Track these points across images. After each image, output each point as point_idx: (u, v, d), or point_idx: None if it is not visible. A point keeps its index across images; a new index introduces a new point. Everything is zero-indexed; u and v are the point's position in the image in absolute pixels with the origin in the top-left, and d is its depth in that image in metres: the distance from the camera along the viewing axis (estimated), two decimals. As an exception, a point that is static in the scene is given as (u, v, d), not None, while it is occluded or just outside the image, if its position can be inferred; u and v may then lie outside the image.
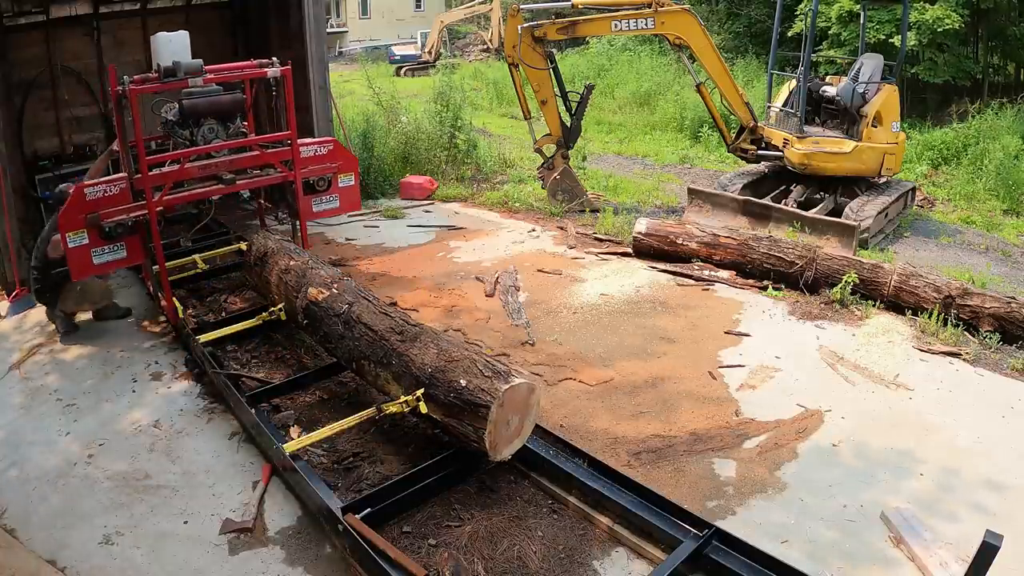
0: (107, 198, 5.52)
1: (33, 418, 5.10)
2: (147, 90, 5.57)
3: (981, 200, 10.52)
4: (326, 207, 6.80)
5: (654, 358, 5.83)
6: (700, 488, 4.30)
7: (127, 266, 6.37)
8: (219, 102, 6.08)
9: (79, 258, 5.46)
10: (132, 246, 5.74)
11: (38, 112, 8.86)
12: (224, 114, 6.17)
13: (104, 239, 5.53)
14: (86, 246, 5.46)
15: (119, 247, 5.65)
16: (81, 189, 5.42)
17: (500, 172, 11.96)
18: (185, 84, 5.67)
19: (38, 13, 8.46)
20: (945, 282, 6.43)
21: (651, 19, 9.01)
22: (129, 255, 5.77)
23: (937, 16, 12.81)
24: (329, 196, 6.74)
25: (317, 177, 6.56)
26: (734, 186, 9.73)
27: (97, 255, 5.56)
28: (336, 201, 6.83)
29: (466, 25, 32.64)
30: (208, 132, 6.08)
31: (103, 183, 5.53)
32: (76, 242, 5.40)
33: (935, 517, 4.04)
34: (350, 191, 6.93)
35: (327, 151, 6.63)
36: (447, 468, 4.19)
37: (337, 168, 6.67)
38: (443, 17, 30.07)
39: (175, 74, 5.59)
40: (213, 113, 6.08)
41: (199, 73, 5.71)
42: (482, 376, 3.95)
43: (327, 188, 6.70)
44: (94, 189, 5.47)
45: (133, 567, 3.77)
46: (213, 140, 6.06)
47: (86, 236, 5.43)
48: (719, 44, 13.05)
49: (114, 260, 5.70)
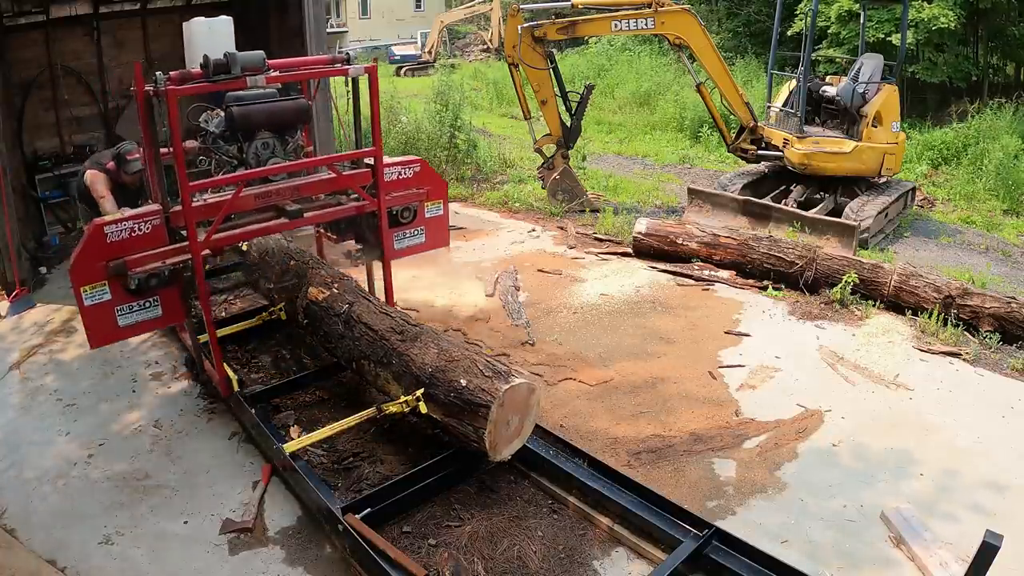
0: (135, 239, 4.28)
1: (33, 418, 5.10)
2: (190, 91, 4.33)
3: (981, 200, 10.52)
4: (410, 243, 5.55)
5: (654, 358, 5.83)
6: (700, 488, 4.30)
7: (163, 327, 5.33)
8: (279, 109, 4.91)
9: (100, 320, 4.26)
10: (169, 302, 4.53)
11: (38, 112, 8.86)
12: (284, 125, 4.98)
13: (132, 294, 4.33)
14: (108, 304, 4.25)
15: (152, 304, 4.44)
16: (100, 228, 4.16)
17: (500, 172, 11.96)
18: (243, 84, 4.39)
19: (38, 13, 8.45)
20: (945, 282, 6.43)
21: (651, 19, 9.01)
22: (166, 314, 4.54)
23: (934, 14, 12.83)
24: (414, 229, 5.50)
25: (402, 206, 5.34)
26: (734, 186, 9.73)
27: (124, 315, 4.34)
28: (422, 235, 5.58)
29: (466, 25, 32.65)
30: (262, 148, 4.88)
31: (129, 219, 4.26)
32: (94, 299, 4.20)
33: (935, 517, 4.04)
34: (438, 223, 5.65)
35: (413, 173, 5.36)
36: (447, 468, 4.19)
37: (425, 195, 5.44)
38: (443, 17, 30.09)
39: (229, 70, 4.33)
40: (271, 123, 4.87)
41: (261, 69, 4.43)
42: (482, 376, 3.95)
43: (412, 219, 5.45)
44: (117, 228, 4.21)
45: (133, 567, 3.77)
46: (269, 159, 4.87)
47: (108, 291, 4.23)
48: (719, 44, 13.06)
49: (146, 320, 4.48)
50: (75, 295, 4.17)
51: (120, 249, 4.22)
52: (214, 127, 4.86)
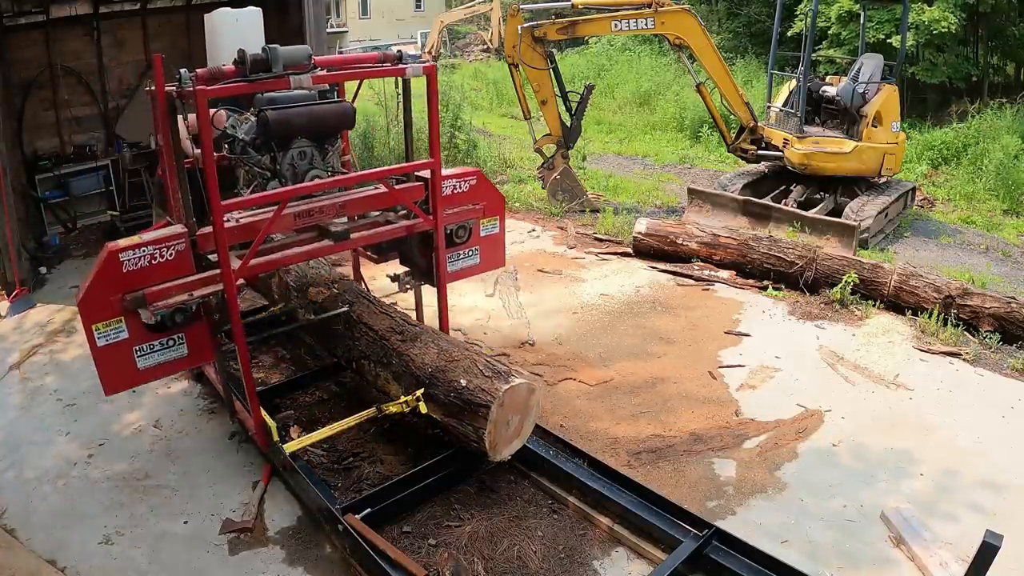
0: (156, 267, 3.71)
1: (33, 418, 5.10)
2: (222, 92, 3.78)
3: (981, 200, 10.52)
4: (464, 264, 5.00)
5: (654, 358, 5.83)
6: (700, 488, 4.30)
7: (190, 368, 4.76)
8: (320, 113, 4.34)
9: (115, 363, 3.71)
10: (197, 339, 3.96)
11: (38, 112, 8.86)
12: (324, 131, 4.42)
13: (153, 331, 3.78)
14: (125, 343, 3.71)
15: (176, 342, 3.88)
16: (114, 255, 3.61)
17: (500, 172, 11.96)
18: (285, 84, 3.86)
19: (38, 13, 8.45)
20: (945, 282, 6.43)
21: (651, 19, 9.01)
22: (192, 353, 3.97)
23: (934, 17, 12.82)
24: (468, 250, 4.97)
25: (457, 224, 4.80)
26: (734, 186, 9.73)
27: (143, 356, 3.79)
28: (476, 256, 5.04)
29: (466, 25, 32.62)
30: (299, 158, 4.29)
31: (149, 244, 3.70)
32: (109, 338, 3.65)
33: (935, 517, 4.04)
34: (494, 242, 5.11)
35: (468, 187, 4.81)
36: (447, 468, 4.19)
37: (482, 210, 4.91)
38: (443, 17, 30.06)
39: (269, 67, 3.79)
40: (310, 130, 4.31)
41: (307, 67, 3.90)
42: (482, 376, 3.95)
43: (467, 239, 4.91)
44: (135, 254, 3.65)
45: (133, 567, 3.77)
46: (308, 171, 4.30)
47: (125, 328, 3.68)
48: (719, 44, 13.06)
49: (170, 361, 3.91)
50: (86, 333, 3.63)
51: (139, 279, 3.66)
52: (243, 134, 4.22)
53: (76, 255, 8.15)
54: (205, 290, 3.84)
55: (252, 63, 3.75)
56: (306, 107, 4.30)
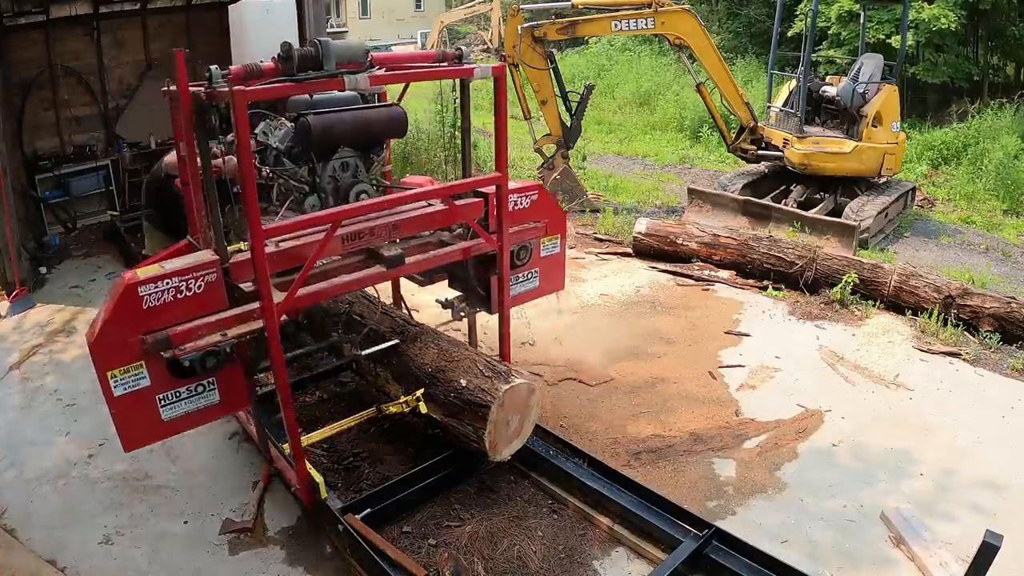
0: (182, 302, 3.18)
1: (33, 418, 5.10)
2: (263, 95, 3.32)
3: (981, 200, 10.52)
4: (523, 288, 4.60)
5: (654, 358, 5.83)
6: (700, 488, 4.30)
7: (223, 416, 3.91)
8: (368, 119, 3.88)
9: (135, 414, 3.18)
10: (229, 383, 3.43)
11: (38, 112, 8.86)
12: (371, 140, 4.02)
13: (180, 376, 3.26)
14: (147, 392, 3.17)
15: (207, 387, 3.36)
16: (133, 288, 3.06)
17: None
18: (339, 85, 3.32)
19: (38, 13, 8.45)
20: (945, 282, 6.43)
21: (651, 19, 9.01)
22: (225, 400, 3.45)
23: (933, 15, 12.84)
24: (528, 272, 4.56)
25: (518, 245, 4.36)
26: (734, 186, 9.73)
27: (169, 406, 3.26)
28: (536, 279, 4.64)
29: (466, 25, 32.62)
30: (341, 169, 3.85)
31: (173, 274, 3.16)
32: (127, 386, 3.12)
33: (935, 517, 4.04)
34: (554, 263, 4.71)
35: (530, 203, 4.37)
36: (447, 468, 4.19)
37: (544, 228, 4.50)
38: (443, 17, 30.07)
39: (320, 65, 3.25)
40: (355, 138, 3.85)
41: (362, 65, 3.37)
42: (482, 376, 3.94)
43: (527, 260, 4.47)
44: (157, 287, 3.11)
45: (133, 567, 3.77)
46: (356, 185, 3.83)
47: (146, 374, 3.15)
48: (719, 44, 13.05)
49: (199, 410, 3.38)
50: (99, 380, 3.09)
51: (162, 317, 3.14)
52: (277, 141, 3.77)
53: (76, 255, 8.15)
54: (242, 328, 3.26)
55: (300, 59, 3.21)
56: (351, 111, 3.78)
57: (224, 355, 3.29)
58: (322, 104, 3.79)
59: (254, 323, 3.32)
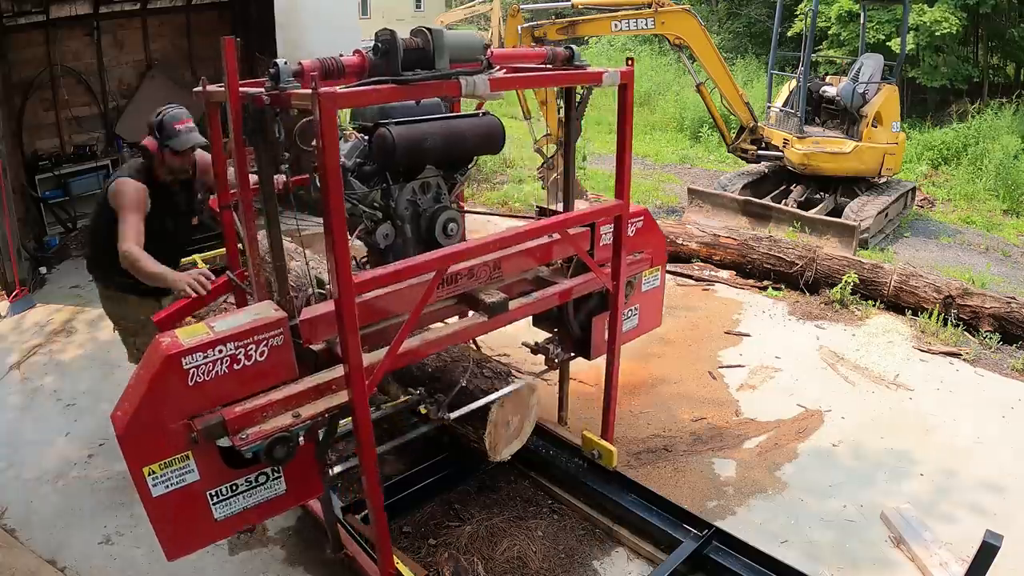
0: (239, 374, 2.47)
1: (33, 418, 5.10)
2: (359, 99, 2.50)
3: (981, 200, 10.53)
4: (624, 327, 3.95)
5: (654, 358, 5.83)
6: (700, 488, 4.30)
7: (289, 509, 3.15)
8: (461, 131, 3.19)
9: (180, 515, 2.51)
10: (297, 468, 2.73)
11: (38, 112, 8.86)
12: (461, 156, 3.35)
13: (237, 465, 2.57)
14: (195, 487, 2.50)
15: (271, 477, 2.69)
16: (176, 359, 2.34)
17: (500, 172, 11.96)
18: (454, 89, 2.57)
19: (38, 13, 8.46)
20: (945, 282, 6.43)
21: (651, 19, 9.01)
22: (292, 489, 2.76)
23: (936, 19, 12.84)
24: (628, 309, 4.05)
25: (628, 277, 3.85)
26: (734, 186, 9.73)
27: (223, 502, 2.58)
28: (635, 317, 4.14)
29: (466, 25, 32.62)
30: (421, 191, 3.21)
31: (227, 339, 2.42)
32: (170, 484, 2.47)
33: (935, 517, 4.04)
34: (653, 299, 4.22)
35: (635, 231, 3.87)
36: (447, 468, 4.19)
37: (650, 260, 4.06)
38: (443, 17, 30.05)
39: (430, 61, 2.56)
40: (444, 155, 3.19)
41: (479, 64, 2.69)
42: (482, 376, 3.94)
43: (630, 296, 4.00)
44: (206, 356, 2.39)
45: (133, 567, 3.77)
46: (442, 215, 3.19)
47: (194, 468, 2.48)
48: (719, 44, 13.06)
49: (262, 504, 2.70)
50: (133, 477, 2.45)
51: (213, 394, 2.44)
52: (344, 157, 3.09)
53: (76, 255, 8.14)
54: (320, 406, 2.58)
55: (406, 50, 2.51)
56: (439, 120, 3.12)
57: (296, 441, 2.54)
58: (401, 111, 3.06)
59: (337, 396, 2.62)
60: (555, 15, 9.20)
